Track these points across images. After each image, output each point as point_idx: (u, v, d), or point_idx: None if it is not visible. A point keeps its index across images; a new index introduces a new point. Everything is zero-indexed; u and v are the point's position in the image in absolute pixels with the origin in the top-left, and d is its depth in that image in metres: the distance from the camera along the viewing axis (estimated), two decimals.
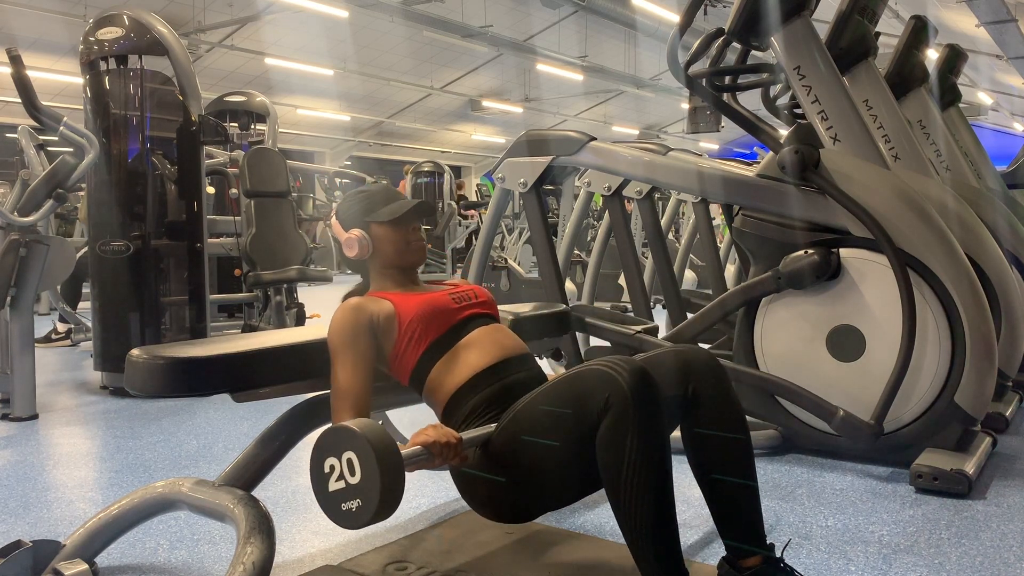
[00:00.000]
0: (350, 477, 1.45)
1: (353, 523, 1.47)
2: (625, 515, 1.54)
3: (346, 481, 1.46)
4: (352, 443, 1.45)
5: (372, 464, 1.42)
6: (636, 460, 1.51)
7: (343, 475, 1.46)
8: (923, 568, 2.06)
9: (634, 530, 1.54)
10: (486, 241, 3.73)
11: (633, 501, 1.52)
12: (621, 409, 1.52)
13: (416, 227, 2.02)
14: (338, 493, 1.47)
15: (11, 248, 3.72)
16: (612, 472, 1.54)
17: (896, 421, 2.83)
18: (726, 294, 3.21)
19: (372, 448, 1.42)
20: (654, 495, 1.52)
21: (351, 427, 1.46)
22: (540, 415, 1.66)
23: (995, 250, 3.42)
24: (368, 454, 1.42)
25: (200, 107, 4.55)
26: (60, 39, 12.79)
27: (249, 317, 5.70)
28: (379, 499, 1.42)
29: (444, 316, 1.90)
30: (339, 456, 1.46)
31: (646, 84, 20.09)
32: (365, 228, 1.98)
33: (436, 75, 19.09)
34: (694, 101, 12.00)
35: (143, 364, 1.71)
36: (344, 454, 1.45)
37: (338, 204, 2.08)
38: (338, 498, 1.47)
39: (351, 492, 1.45)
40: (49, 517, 2.49)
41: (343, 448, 1.46)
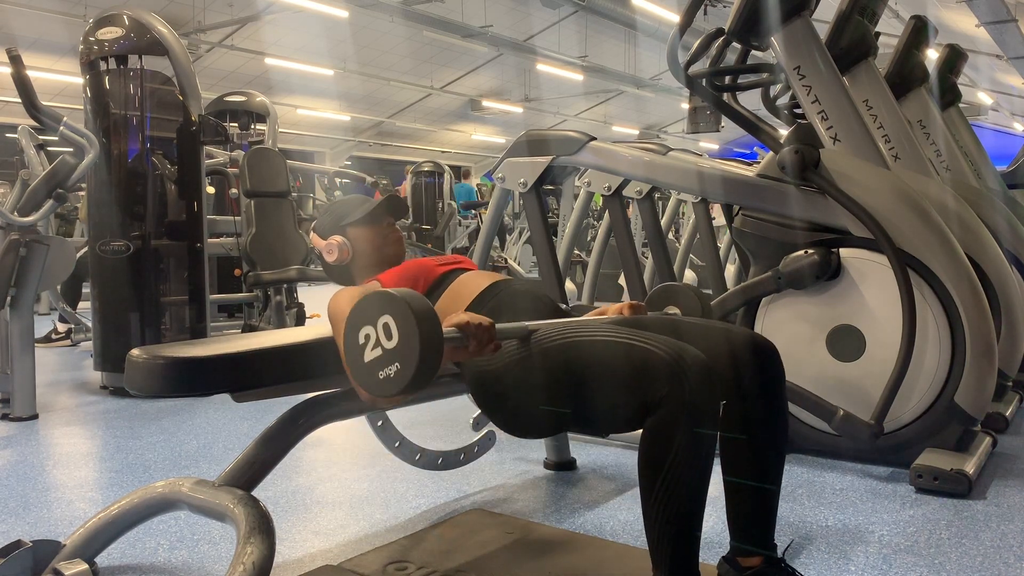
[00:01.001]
0: (387, 342, 1.41)
1: (393, 388, 1.42)
2: (654, 507, 1.50)
3: (383, 347, 1.42)
4: (389, 306, 1.41)
5: (410, 321, 1.38)
6: (681, 462, 1.48)
7: (379, 342, 1.42)
8: (923, 568, 2.06)
9: (660, 524, 1.50)
10: (486, 241, 3.73)
11: (667, 497, 1.49)
12: (676, 408, 1.47)
13: (391, 222, 2.09)
14: (375, 362, 1.43)
15: (11, 248, 3.72)
16: (652, 464, 1.49)
17: (896, 421, 2.83)
18: (726, 294, 3.21)
19: (409, 307, 1.39)
20: (689, 501, 1.49)
21: (387, 291, 1.43)
22: (587, 363, 1.59)
23: (995, 250, 3.43)
24: (406, 313, 1.39)
25: (200, 107, 4.55)
26: (60, 39, 12.79)
27: (249, 317, 5.71)
28: (419, 357, 1.38)
29: (428, 273, 1.96)
30: (375, 323, 1.43)
31: (646, 84, 20.09)
32: (342, 233, 2.06)
33: (436, 75, 19.09)
34: (694, 101, 12.01)
35: (143, 364, 1.71)
36: (380, 319, 1.42)
37: (315, 221, 2.16)
38: (375, 367, 1.43)
39: (389, 357, 1.41)
40: (49, 517, 2.49)
41: (379, 314, 1.42)
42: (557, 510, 2.48)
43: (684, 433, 1.47)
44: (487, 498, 2.61)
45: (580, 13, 15.65)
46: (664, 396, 1.48)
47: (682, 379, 1.48)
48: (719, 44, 3.28)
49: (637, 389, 1.52)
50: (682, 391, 1.47)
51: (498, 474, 2.86)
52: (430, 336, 1.40)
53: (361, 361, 1.45)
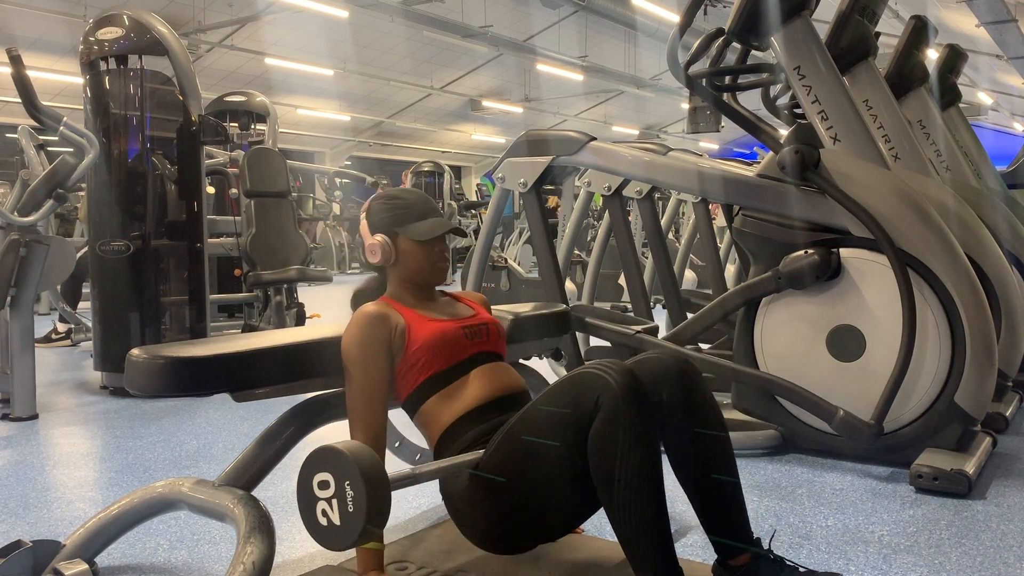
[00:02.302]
0: (334, 507, 1.48)
1: (340, 542, 1.49)
2: (619, 514, 1.53)
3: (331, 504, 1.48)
4: (343, 472, 1.46)
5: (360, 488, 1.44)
6: (629, 458, 1.51)
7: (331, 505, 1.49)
8: (923, 568, 2.06)
9: (629, 529, 1.53)
10: (486, 241, 3.73)
11: (627, 500, 1.51)
12: (612, 407, 1.52)
13: (443, 247, 1.96)
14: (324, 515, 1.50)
15: (11, 248, 3.72)
16: (604, 472, 1.53)
17: (896, 421, 2.83)
18: (726, 294, 3.22)
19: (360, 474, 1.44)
20: (648, 493, 1.52)
21: (339, 449, 1.47)
22: (533, 425, 1.65)
23: (995, 250, 3.43)
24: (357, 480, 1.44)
25: (200, 107, 4.55)
26: (60, 39, 12.78)
27: (249, 317, 5.71)
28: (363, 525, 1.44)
29: (452, 351, 1.87)
30: (326, 489, 1.49)
31: (646, 84, 20.08)
32: (393, 237, 1.92)
33: (436, 75, 19.08)
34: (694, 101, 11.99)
35: (143, 364, 1.71)
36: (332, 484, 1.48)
37: (370, 201, 2.00)
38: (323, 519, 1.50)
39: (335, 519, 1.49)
40: (49, 517, 2.49)
41: (330, 476, 1.48)
42: None
43: (625, 430, 1.51)
44: None
45: (580, 13, 15.65)
46: (596, 400, 1.54)
47: (607, 378, 1.55)
48: (719, 44, 3.28)
49: (574, 415, 1.57)
50: (611, 387, 1.53)
51: None
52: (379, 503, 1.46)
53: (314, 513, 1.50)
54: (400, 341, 1.84)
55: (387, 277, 1.99)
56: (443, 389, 1.85)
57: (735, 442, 3.08)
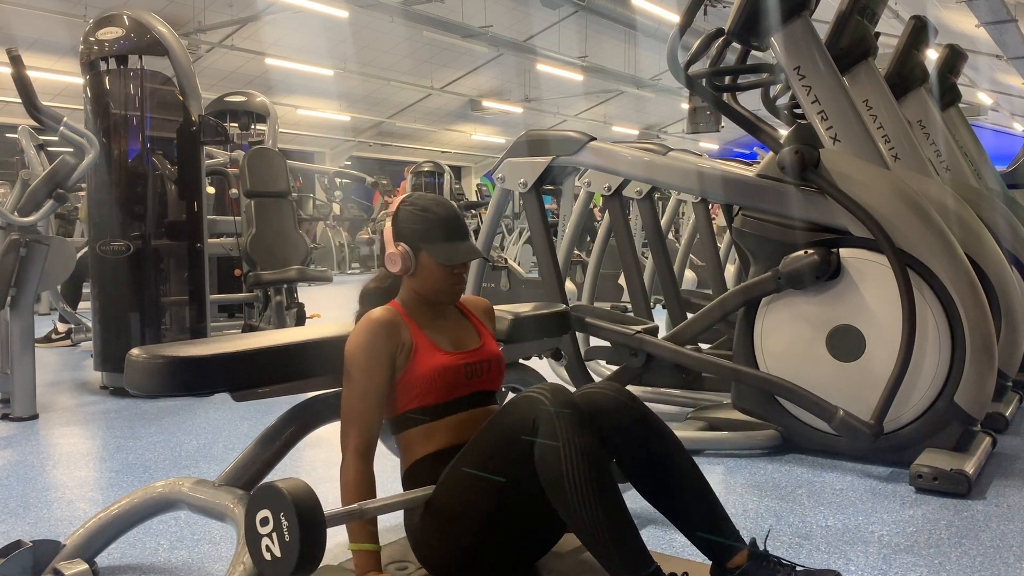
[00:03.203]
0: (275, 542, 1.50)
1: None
2: (579, 521, 1.54)
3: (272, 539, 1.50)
4: (283, 511, 1.48)
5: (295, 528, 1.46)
6: (574, 463, 1.53)
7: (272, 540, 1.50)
8: (923, 568, 2.06)
9: (591, 532, 1.54)
10: (486, 241, 3.73)
11: (582, 504, 1.53)
12: (548, 423, 1.57)
13: (462, 269, 1.91)
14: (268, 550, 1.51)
15: (11, 248, 3.72)
16: (555, 484, 1.55)
17: (896, 421, 2.83)
18: (726, 294, 3.21)
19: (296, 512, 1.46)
20: (600, 492, 1.53)
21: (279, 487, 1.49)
22: (478, 457, 1.68)
23: (995, 250, 3.43)
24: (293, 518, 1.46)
25: (200, 107, 4.55)
26: (60, 39, 12.78)
27: (249, 317, 5.71)
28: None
29: (448, 389, 1.84)
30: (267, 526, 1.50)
31: (646, 84, 20.08)
32: (415, 251, 1.86)
33: (436, 75, 19.08)
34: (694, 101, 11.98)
35: (143, 364, 1.71)
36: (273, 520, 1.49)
37: (400, 204, 1.93)
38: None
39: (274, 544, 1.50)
40: (49, 517, 2.49)
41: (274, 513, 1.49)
42: None
43: (564, 439, 1.55)
44: None
45: (580, 13, 15.64)
46: (534, 420, 1.59)
47: (539, 398, 1.61)
48: (719, 44, 3.28)
49: (516, 441, 1.61)
50: (543, 404, 1.59)
51: None
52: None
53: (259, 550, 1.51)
54: (404, 360, 1.81)
55: (399, 286, 1.95)
56: (428, 423, 1.83)
57: (735, 442, 3.11)
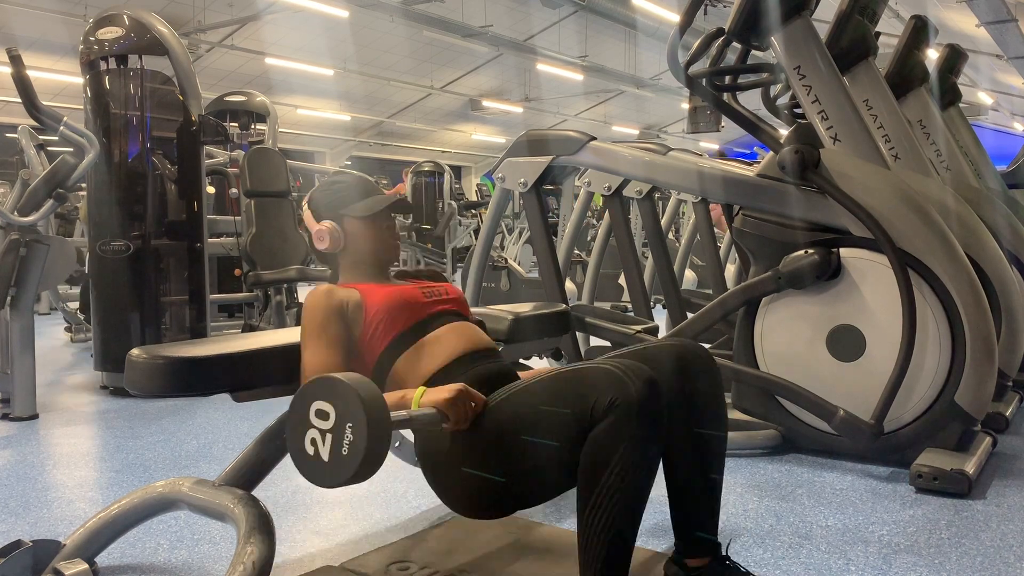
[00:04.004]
0: (330, 432, 1.38)
1: (339, 477, 1.37)
2: (589, 516, 1.49)
3: (327, 434, 1.38)
4: (340, 398, 1.37)
5: (360, 418, 1.34)
6: (622, 471, 1.46)
7: (325, 432, 1.38)
8: (923, 568, 2.06)
9: (590, 535, 1.49)
10: (486, 241, 3.73)
11: (603, 508, 1.47)
12: (624, 415, 1.46)
13: (391, 224, 1.97)
14: (321, 450, 1.39)
15: (11, 248, 3.72)
16: (593, 472, 1.49)
17: (896, 421, 2.83)
18: (726, 294, 3.21)
19: (361, 400, 1.35)
20: (626, 510, 1.48)
21: (338, 381, 1.38)
22: (536, 402, 1.60)
23: (995, 250, 3.42)
24: (356, 403, 1.35)
25: (200, 107, 4.55)
26: (60, 39, 12.78)
27: (249, 317, 5.71)
28: (364, 452, 1.34)
29: (412, 309, 1.85)
30: (321, 415, 1.39)
31: (646, 84, 20.08)
32: (338, 221, 1.92)
33: (436, 75, 19.09)
34: (694, 101, 12.01)
35: (143, 364, 1.71)
36: (326, 407, 1.38)
37: (311, 192, 2.01)
38: (321, 454, 1.39)
39: (334, 446, 1.38)
40: (49, 517, 2.49)
41: (326, 401, 1.38)
42: (557, 510, 2.48)
43: (631, 440, 1.46)
44: None
45: (580, 13, 15.65)
46: (613, 401, 1.47)
47: (630, 385, 1.47)
48: (719, 44, 3.27)
49: (583, 407, 1.50)
50: (629, 396, 1.46)
51: None
52: (377, 431, 1.36)
53: (302, 440, 1.40)
54: (356, 313, 1.82)
55: (339, 266, 1.98)
56: (410, 348, 1.81)
57: (735, 442, 3.11)
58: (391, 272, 2.04)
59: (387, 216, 1.96)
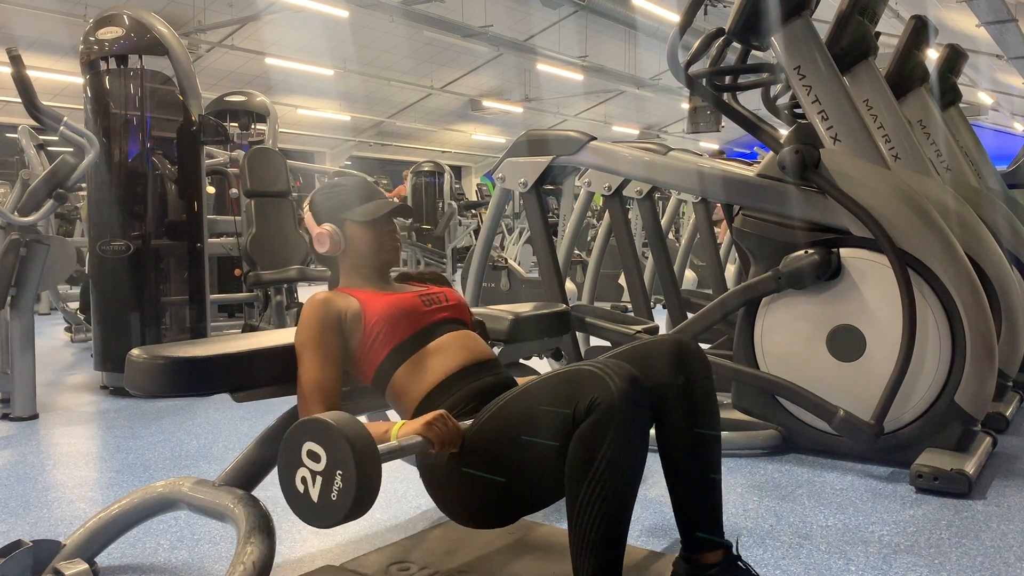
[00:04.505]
0: (321, 475, 1.40)
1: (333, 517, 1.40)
2: (578, 516, 1.50)
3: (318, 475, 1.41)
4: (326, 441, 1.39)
5: (349, 460, 1.36)
6: (608, 468, 1.47)
7: (316, 475, 1.41)
8: (923, 568, 2.06)
9: (580, 533, 1.49)
10: (486, 241, 3.72)
11: (590, 506, 1.48)
12: (606, 413, 1.48)
13: (392, 228, 1.98)
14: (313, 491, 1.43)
15: (11, 248, 3.72)
16: (578, 471, 1.49)
17: (896, 421, 2.83)
18: (726, 294, 3.21)
19: (350, 445, 1.37)
20: (613, 507, 1.48)
21: (325, 419, 1.40)
22: (524, 410, 1.62)
23: (995, 250, 3.42)
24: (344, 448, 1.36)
25: (200, 107, 4.55)
26: (60, 39, 12.78)
27: (249, 317, 5.71)
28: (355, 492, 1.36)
29: (412, 318, 1.86)
30: (311, 459, 1.42)
31: (646, 84, 20.09)
32: (339, 224, 1.93)
33: (436, 75, 19.09)
34: (694, 101, 12.00)
35: (143, 364, 1.71)
36: (315, 450, 1.40)
37: (312, 194, 2.02)
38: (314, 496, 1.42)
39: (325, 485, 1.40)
40: (49, 517, 2.49)
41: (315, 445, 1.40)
42: (557, 510, 2.47)
43: (613, 436, 1.47)
44: None
45: (580, 13, 15.64)
46: (593, 400, 1.48)
47: (609, 384, 1.49)
48: (719, 44, 3.27)
49: (567, 410, 1.51)
50: (610, 394, 1.48)
51: None
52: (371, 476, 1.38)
53: (293, 478, 1.44)
54: (355, 322, 1.83)
55: (339, 269, 1.99)
56: (409, 359, 1.82)
57: (735, 442, 3.11)
58: (392, 275, 2.04)
59: (388, 220, 1.96)
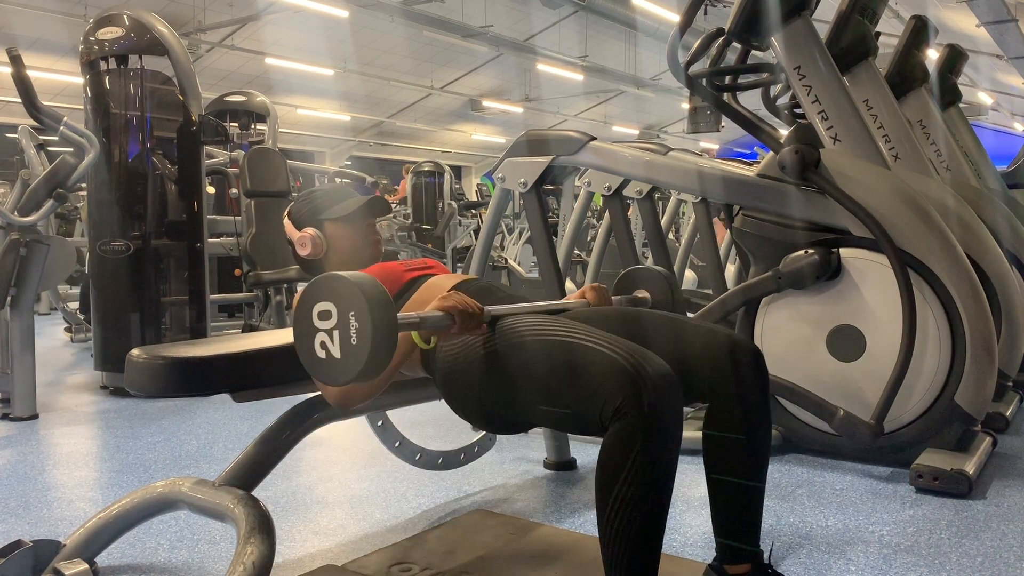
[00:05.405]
0: (337, 328, 1.38)
1: (346, 374, 1.37)
2: (607, 527, 1.42)
3: (333, 332, 1.38)
4: (342, 291, 1.37)
5: (363, 306, 1.33)
6: (635, 480, 1.39)
7: (331, 329, 1.38)
8: (923, 568, 2.06)
9: (611, 545, 1.42)
10: (486, 241, 3.72)
11: (619, 516, 1.40)
12: (632, 423, 1.38)
13: (371, 223, 2.00)
14: (326, 345, 1.39)
15: (11, 248, 3.72)
16: (607, 481, 1.42)
17: (896, 421, 2.83)
18: (726, 294, 3.21)
19: (361, 292, 1.34)
20: (644, 518, 1.40)
21: (339, 276, 1.37)
22: (544, 374, 1.52)
23: (995, 250, 3.42)
24: (357, 296, 1.34)
25: (200, 107, 4.55)
26: (60, 39, 12.78)
27: (249, 317, 5.71)
28: (371, 341, 1.33)
29: (394, 276, 1.88)
30: (326, 309, 1.39)
31: (646, 84, 20.10)
32: (319, 227, 1.97)
33: (436, 75, 19.10)
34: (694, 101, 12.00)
35: (143, 364, 1.71)
36: (331, 305, 1.38)
37: (290, 206, 2.06)
38: (325, 351, 1.39)
39: (341, 342, 1.37)
40: (49, 517, 2.49)
41: (330, 299, 1.38)
42: (557, 510, 2.48)
43: (642, 448, 1.38)
44: (487, 498, 2.61)
45: (580, 13, 15.65)
46: (620, 407, 1.39)
47: (641, 390, 1.38)
48: (719, 44, 3.27)
49: (594, 396, 1.43)
50: (640, 403, 1.37)
51: (498, 474, 2.86)
52: (382, 321, 1.35)
53: (311, 345, 1.40)
54: None
55: (324, 272, 1.99)
56: (402, 308, 1.81)
57: None
58: None
59: (366, 216, 1.99)
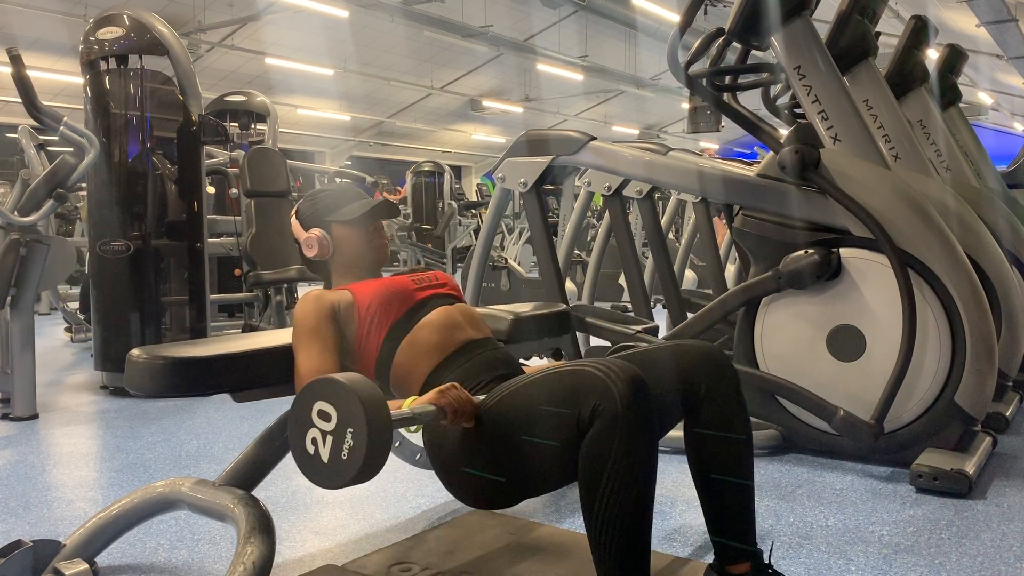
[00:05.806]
0: (332, 434, 1.38)
1: (341, 478, 1.38)
2: (595, 526, 1.46)
3: (328, 435, 1.38)
4: (338, 399, 1.37)
5: (360, 418, 1.34)
6: (618, 474, 1.43)
7: (327, 434, 1.39)
8: (923, 568, 2.06)
9: (602, 544, 1.46)
10: (486, 241, 3.72)
11: (607, 514, 1.44)
12: (610, 420, 1.44)
13: (378, 226, 2.00)
14: (323, 452, 1.39)
15: (11, 248, 3.72)
16: (590, 479, 1.46)
17: (896, 421, 2.83)
18: (726, 294, 3.21)
19: (360, 401, 1.35)
20: (630, 512, 1.44)
21: (337, 383, 1.38)
22: (526, 406, 1.59)
23: (995, 250, 3.42)
24: (355, 403, 1.35)
25: (200, 107, 4.55)
26: (60, 39, 12.77)
27: (249, 317, 5.71)
28: (366, 449, 1.34)
29: (403, 296, 1.87)
30: (322, 418, 1.39)
31: (646, 84, 20.09)
32: (326, 228, 1.97)
33: (436, 75, 19.09)
34: (694, 101, 12.01)
35: (143, 364, 1.71)
36: (327, 409, 1.38)
37: (298, 204, 2.05)
38: (324, 457, 1.39)
39: (335, 446, 1.38)
40: (49, 517, 2.49)
41: (327, 403, 1.38)
42: (557, 510, 2.48)
43: (619, 444, 1.43)
44: None
45: (580, 13, 15.64)
46: (596, 407, 1.45)
47: (611, 388, 1.45)
48: (719, 44, 3.27)
49: (569, 413, 1.48)
50: (614, 398, 1.44)
51: None
52: (378, 429, 1.36)
53: (303, 439, 1.41)
54: (349, 311, 1.84)
55: (330, 272, 2.02)
56: (407, 337, 1.82)
57: None
58: (382, 274, 2.05)
59: (373, 219, 1.99)
